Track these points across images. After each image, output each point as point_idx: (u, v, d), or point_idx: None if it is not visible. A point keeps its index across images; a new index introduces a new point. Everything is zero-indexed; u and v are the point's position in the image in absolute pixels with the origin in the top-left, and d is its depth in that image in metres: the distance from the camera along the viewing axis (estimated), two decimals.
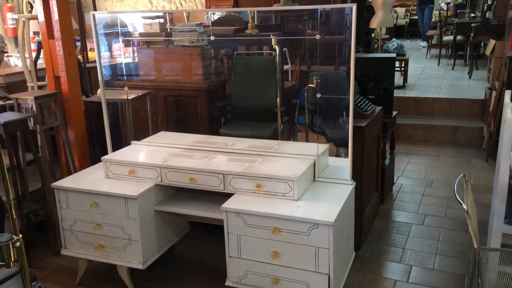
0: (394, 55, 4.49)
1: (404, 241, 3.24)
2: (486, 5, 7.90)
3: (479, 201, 3.73)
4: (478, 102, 5.69)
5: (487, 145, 4.80)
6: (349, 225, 2.59)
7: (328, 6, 4.58)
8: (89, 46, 5.18)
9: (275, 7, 4.99)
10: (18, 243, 1.25)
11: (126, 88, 3.37)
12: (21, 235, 1.38)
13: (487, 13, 7.46)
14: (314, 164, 2.62)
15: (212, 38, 3.14)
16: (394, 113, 3.93)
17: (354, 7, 2.31)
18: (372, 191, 3.43)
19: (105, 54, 4.87)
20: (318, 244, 2.19)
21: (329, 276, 2.20)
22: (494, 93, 4.86)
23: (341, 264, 2.41)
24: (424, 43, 10.86)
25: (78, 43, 4.78)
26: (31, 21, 4.10)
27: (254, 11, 4.17)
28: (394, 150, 4.19)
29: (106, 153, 2.99)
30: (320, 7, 3.13)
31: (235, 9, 4.78)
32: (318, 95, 2.68)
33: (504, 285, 2.05)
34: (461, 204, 1.97)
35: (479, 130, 5.26)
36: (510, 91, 2.97)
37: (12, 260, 1.23)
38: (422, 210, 3.72)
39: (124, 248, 2.62)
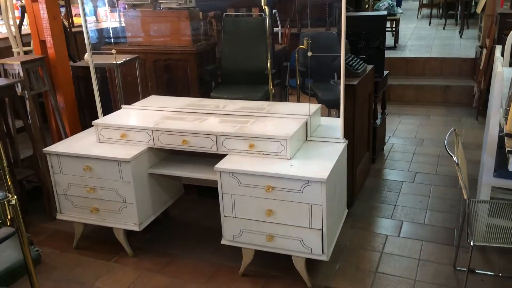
0: (385, 13, 4.43)
1: (395, 198, 3.30)
2: None
3: (469, 158, 3.78)
4: (469, 60, 5.68)
5: (477, 103, 4.83)
6: (341, 182, 2.62)
7: None
8: (74, 12, 5.05)
9: None
10: (13, 201, 1.25)
11: (114, 51, 3.32)
12: (16, 196, 1.39)
13: None
14: (306, 123, 2.63)
15: None
16: (385, 72, 3.92)
17: None
18: (364, 151, 3.45)
19: (90, 18, 4.77)
20: (311, 201, 2.22)
21: (322, 232, 2.25)
22: (484, 51, 4.85)
23: (334, 220, 2.46)
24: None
25: (63, 9, 4.65)
26: None
27: None
28: (385, 110, 4.20)
29: (96, 118, 2.96)
30: None
31: None
32: (309, 54, 2.66)
33: (493, 235, 2.11)
34: (451, 156, 1.99)
35: (469, 89, 5.28)
36: (500, 46, 2.96)
37: (8, 217, 1.24)
38: (413, 168, 3.77)
39: (120, 211, 2.64)
